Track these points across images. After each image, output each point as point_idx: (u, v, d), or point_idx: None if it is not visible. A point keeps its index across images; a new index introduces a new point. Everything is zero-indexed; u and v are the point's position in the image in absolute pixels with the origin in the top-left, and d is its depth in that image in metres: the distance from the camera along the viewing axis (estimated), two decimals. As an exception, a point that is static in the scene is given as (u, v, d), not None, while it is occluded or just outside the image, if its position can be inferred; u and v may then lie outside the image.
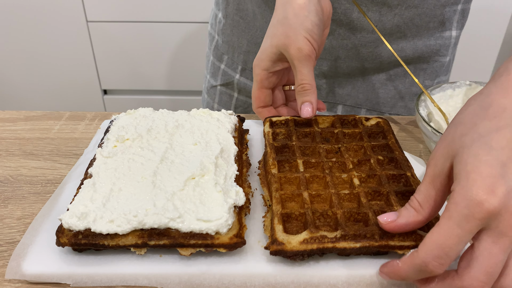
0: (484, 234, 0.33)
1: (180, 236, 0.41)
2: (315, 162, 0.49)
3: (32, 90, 1.83)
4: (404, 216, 0.38)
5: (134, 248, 0.41)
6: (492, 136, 0.34)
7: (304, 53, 0.52)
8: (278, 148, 0.51)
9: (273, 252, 0.40)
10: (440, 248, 0.33)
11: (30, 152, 0.59)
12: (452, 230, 0.33)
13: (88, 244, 0.41)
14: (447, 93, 0.61)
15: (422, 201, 0.38)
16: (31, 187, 0.52)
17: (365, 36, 0.70)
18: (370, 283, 0.40)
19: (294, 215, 0.43)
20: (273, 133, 0.54)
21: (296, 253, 0.39)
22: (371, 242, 0.39)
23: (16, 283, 0.41)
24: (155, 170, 0.47)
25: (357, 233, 0.40)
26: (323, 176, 0.47)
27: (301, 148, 0.51)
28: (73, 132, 0.63)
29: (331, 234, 0.40)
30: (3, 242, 0.45)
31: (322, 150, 0.50)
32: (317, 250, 0.39)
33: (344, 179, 0.47)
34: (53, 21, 1.64)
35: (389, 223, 0.39)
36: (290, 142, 0.52)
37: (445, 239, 0.33)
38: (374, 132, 0.54)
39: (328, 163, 0.49)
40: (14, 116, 0.67)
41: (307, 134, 0.54)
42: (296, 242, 0.39)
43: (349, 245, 0.39)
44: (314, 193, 0.45)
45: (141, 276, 0.40)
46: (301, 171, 0.48)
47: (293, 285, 0.40)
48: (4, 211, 0.49)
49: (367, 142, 0.52)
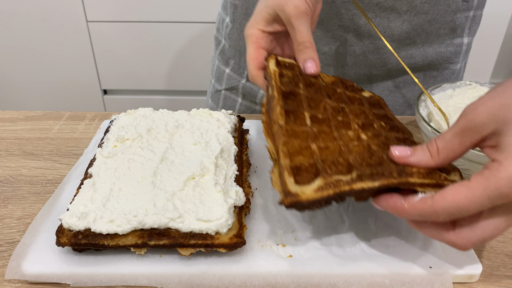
0: (500, 209, 0.33)
1: (180, 236, 0.41)
2: (321, 118, 0.45)
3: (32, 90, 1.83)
4: (418, 156, 0.37)
5: (134, 248, 0.41)
6: None
7: (301, 10, 0.49)
8: (286, 94, 0.46)
9: (288, 205, 0.36)
10: (458, 209, 0.33)
11: (30, 152, 0.59)
12: (481, 200, 0.32)
13: (88, 244, 0.41)
14: (447, 93, 0.61)
15: (442, 149, 0.36)
16: (31, 187, 0.52)
17: (373, 43, 0.69)
18: (370, 282, 0.40)
19: (304, 166, 0.39)
20: (280, 73, 0.48)
21: (313, 202, 0.37)
22: (390, 180, 0.37)
23: (16, 283, 0.41)
24: (155, 170, 0.47)
25: (373, 172, 0.37)
26: (330, 132, 0.44)
27: (308, 99, 0.47)
28: (73, 132, 0.63)
29: (346, 177, 0.37)
30: (3, 242, 0.45)
31: (328, 106, 0.47)
32: (334, 196, 0.36)
33: (350, 136, 0.44)
34: (53, 21, 1.64)
35: (400, 157, 0.37)
36: (297, 89, 0.47)
37: (469, 203, 0.32)
38: (372, 102, 0.52)
39: (334, 120, 0.45)
40: (14, 116, 0.67)
41: (311, 84, 0.49)
42: (311, 191, 0.37)
43: (367, 185, 0.36)
44: (323, 146, 0.42)
45: (141, 276, 0.40)
46: (309, 125, 0.44)
47: (293, 285, 0.40)
48: (4, 211, 0.49)
49: (368, 108, 0.49)
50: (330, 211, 0.48)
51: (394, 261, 0.42)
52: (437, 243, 0.44)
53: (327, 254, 0.42)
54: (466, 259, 0.42)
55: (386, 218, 0.47)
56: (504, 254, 0.44)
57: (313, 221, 0.46)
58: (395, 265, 0.41)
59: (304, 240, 0.44)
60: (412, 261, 0.42)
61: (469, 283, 0.42)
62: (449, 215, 0.33)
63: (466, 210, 0.33)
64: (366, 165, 0.39)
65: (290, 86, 0.47)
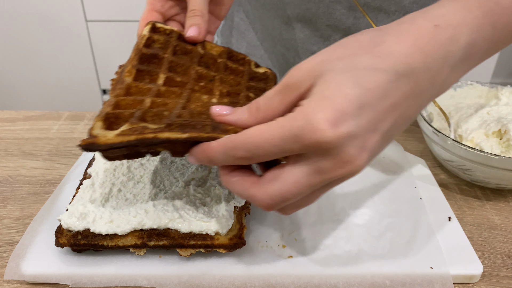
0: (303, 161, 0.31)
1: (179, 236, 0.40)
2: (179, 81, 0.43)
3: (31, 89, 1.83)
4: (236, 114, 0.35)
5: (133, 249, 0.41)
6: (365, 73, 0.30)
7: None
8: (145, 56, 0.44)
9: (84, 146, 0.33)
10: (255, 145, 0.31)
11: (29, 152, 0.59)
12: (274, 139, 0.30)
13: (87, 244, 0.41)
14: (448, 93, 0.61)
15: (262, 106, 0.34)
16: (30, 187, 0.52)
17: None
18: (371, 283, 0.40)
19: (123, 115, 0.36)
20: (149, 38, 0.46)
21: (111, 146, 0.33)
22: (200, 133, 0.34)
23: (15, 283, 0.40)
24: (155, 170, 0.47)
25: (185, 123, 0.34)
26: (180, 93, 0.41)
27: (172, 64, 0.44)
28: (72, 132, 0.63)
29: (155, 125, 0.34)
30: (2, 243, 0.45)
31: (194, 72, 0.44)
32: (135, 141, 0.33)
33: (203, 100, 0.41)
34: (52, 20, 1.64)
35: (218, 114, 0.35)
36: (162, 54, 0.45)
37: (263, 141, 0.31)
38: (258, 77, 0.49)
39: (195, 85, 0.43)
40: (13, 116, 0.67)
41: (187, 52, 0.47)
42: (113, 135, 0.33)
43: (175, 136, 0.33)
44: (160, 101, 0.38)
45: (141, 276, 0.40)
46: (159, 84, 0.41)
47: (293, 285, 0.40)
48: (3, 211, 0.49)
49: (245, 81, 0.47)
50: (331, 211, 0.48)
51: (394, 262, 0.42)
52: (438, 243, 0.43)
53: (328, 254, 0.42)
54: (467, 260, 0.42)
55: (389, 218, 0.47)
56: (505, 254, 0.44)
57: (313, 221, 0.46)
58: (395, 265, 0.41)
59: (304, 240, 0.44)
60: (412, 262, 0.42)
61: (470, 284, 0.41)
62: (246, 151, 0.31)
63: (261, 148, 0.30)
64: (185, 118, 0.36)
65: (155, 50, 0.45)
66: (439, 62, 0.32)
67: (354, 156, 0.29)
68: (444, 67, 0.33)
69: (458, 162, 0.51)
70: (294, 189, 0.31)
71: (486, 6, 0.35)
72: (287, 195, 0.31)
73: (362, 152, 0.30)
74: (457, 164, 0.51)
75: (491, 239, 0.46)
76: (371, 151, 0.30)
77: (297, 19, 0.67)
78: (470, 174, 0.52)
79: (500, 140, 0.52)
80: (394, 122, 0.31)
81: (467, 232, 0.47)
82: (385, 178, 0.53)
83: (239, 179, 0.34)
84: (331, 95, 0.29)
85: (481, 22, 0.34)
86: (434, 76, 0.32)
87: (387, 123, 0.31)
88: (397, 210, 0.48)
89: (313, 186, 0.31)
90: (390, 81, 0.30)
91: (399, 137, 0.63)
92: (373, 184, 0.52)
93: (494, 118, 0.53)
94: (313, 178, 0.31)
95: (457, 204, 0.51)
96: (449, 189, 0.53)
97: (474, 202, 0.51)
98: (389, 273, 0.41)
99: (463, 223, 0.48)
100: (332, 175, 0.30)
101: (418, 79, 0.31)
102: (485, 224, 0.48)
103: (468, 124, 0.54)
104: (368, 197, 0.50)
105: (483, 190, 0.53)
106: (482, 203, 0.51)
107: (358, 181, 0.52)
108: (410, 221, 0.46)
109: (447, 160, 0.53)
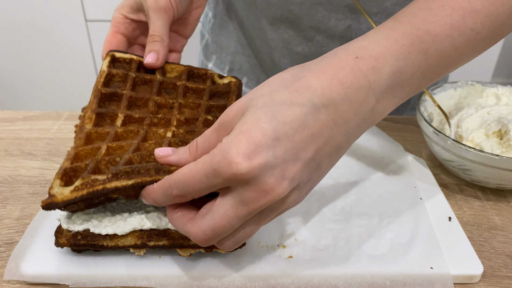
0: (229, 193, 0.32)
1: (179, 237, 0.40)
2: (138, 118, 0.45)
3: (31, 89, 1.83)
4: (178, 154, 0.37)
5: (133, 249, 0.41)
6: (282, 107, 0.32)
7: (159, 5, 0.51)
8: (105, 96, 0.46)
9: (44, 206, 0.37)
10: (183, 183, 0.33)
11: (28, 152, 0.59)
12: (199, 175, 0.32)
13: (87, 244, 0.41)
14: (448, 93, 0.61)
15: (201, 145, 0.36)
16: (30, 187, 0.52)
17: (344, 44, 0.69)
18: (371, 283, 0.40)
19: (80, 168, 0.39)
20: (108, 74, 0.48)
21: (68, 203, 0.36)
22: (144, 178, 0.36)
23: (15, 284, 0.40)
24: (155, 170, 0.46)
25: (130, 170, 0.36)
26: (137, 131, 0.43)
27: (131, 99, 0.47)
28: (72, 132, 0.63)
29: (103, 176, 0.37)
30: (1, 243, 0.45)
31: (153, 104, 0.46)
32: (88, 195, 0.36)
33: (160, 134, 0.43)
34: (52, 20, 1.64)
35: (162, 157, 0.37)
36: (121, 90, 0.47)
37: (190, 178, 0.32)
38: (220, 91, 0.50)
39: (153, 119, 0.45)
40: (13, 116, 0.67)
41: (146, 82, 0.49)
42: (68, 191, 0.37)
43: (121, 184, 0.36)
44: (115, 145, 0.41)
45: (140, 277, 0.40)
46: (118, 125, 0.44)
47: (293, 286, 0.40)
48: (2, 211, 0.49)
49: (205, 101, 0.48)
50: (331, 211, 0.48)
51: (395, 262, 0.42)
52: (438, 244, 0.43)
53: (328, 255, 0.42)
54: (467, 260, 0.42)
55: (389, 218, 0.47)
56: (506, 254, 0.44)
57: (313, 221, 0.46)
58: (396, 265, 0.41)
59: (304, 241, 0.44)
60: (413, 262, 0.42)
61: (470, 284, 0.41)
62: (179, 189, 0.33)
63: (190, 185, 0.32)
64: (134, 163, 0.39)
65: (114, 87, 0.47)
66: (361, 92, 0.33)
67: (273, 184, 0.31)
68: (369, 96, 0.34)
69: (458, 162, 0.51)
70: (223, 222, 0.33)
71: (414, 34, 0.36)
72: (217, 228, 0.33)
73: (282, 181, 0.31)
74: (457, 164, 0.51)
75: (491, 239, 0.46)
76: (292, 179, 0.32)
77: (281, 20, 0.68)
78: (470, 174, 0.51)
79: (500, 140, 0.51)
80: (317, 150, 0.32)
81: (467, 232, 0.47)
82: (385, 178, 0.53)
83: (180, 215, 0.36)
84: (247, 130, 0.31)
85: (409, 50, 0.35)
86: (357, 105, 0.33)
87: (309, 152, 0.32)
88: (397, 210, 0.48)
89: (241, 217, 0.32)
90: (308, 113, 0.32)
91: (399, 137, 0.63)
92: (373, 184, 0.52)
93: (494, 118, 0.53)
94: (239, 209, 0.32)
95: (457, 204, 0.51)
96: (449, 189, 0.53)
97: (474, 202, 0.51)
98: (389, 273, 0.40)
99: (463, 223, 0.48)
100: (257, 204, 0.32)
101: (338, 110, 0.33)
102: (485, 224, 0.48)
103: (468, 124, 0.54)
104: (368, 197, 0.50)
105: (483, 190, 0.53)
106: (482, 203, 0.51)
107: (358, 181, 0.52)
108: (410, 221, 0.46)
109: (447, 160, 0.53)
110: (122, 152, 0.41)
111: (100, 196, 0.37)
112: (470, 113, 0.55)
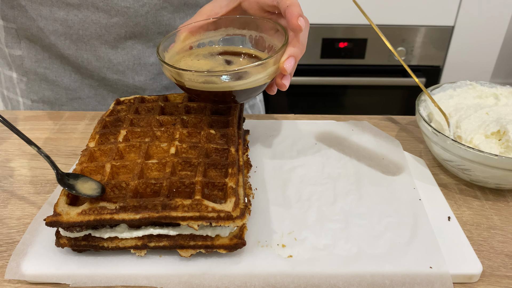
0: None
1: (180, 237, 0.40)
2: (140, 132, 0.47)
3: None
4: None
5: (134, 250, 0.41)
6: None
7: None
8: (109, 123, 0.50)
9: (48, 223, 0.38)
10: None
11: (29, 152, 0.59)
12: None
13: (87, 245, 0.41)
14: (447, 93, 0.61)
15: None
16: (31, 187, 0.52)
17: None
18: (370, 283, 0.40)
19: None
20: (113, 110, 0.52)
21: (73, 225, 0.38)
22: (151, 213, 0.38)
23: (16, 283, 0.41)
24: (155, 170, 0.47)
25: (138, 204, 0.38)
26: (139, 145, 0.45)
27: (133, 120, 0.49)
28: (73, 132, 0.63)
29: (112, 206, 0.39)
30: (2, 242, 0.45)
31: (155, 121, 0.49)
32: (94, 222, 0.38)
33: (163, 148, 0.45)
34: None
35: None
36: (123, 115, 0.50)
37: None
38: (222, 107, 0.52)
39: (156, 132, 0.47)
40: (13, 116, 0.67)
41: (149, 109, 0.52)
42: (75, 213, 0.38)
43: (129, 217, 0.38)
44: (119, 164, 0.43)
45: (141, 276, 0.40)
46: (119, 141, 0.45)
47: (293, 285, 0.40)
48: (3, 211, 0.49)
49: (208, 116, 0.50)
50: (331, 211, 0.48)
51: (394, 261, 0.42)
52: (438, 243, 0.43)
53: (327, 254, 0.42)
54: (466, 259, 0.42)
55: (389, 218, 0.47)
56: (505, 254, 0.44)
57: (313, 221, 0.46)
58: (395, 265, 0.41)
59: (304, 240, 0.44)
60: (412, 261, 0.42)
61: (469, 283, 0.42)
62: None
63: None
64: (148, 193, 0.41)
65: (118, 115, 0.51)
66: None
67: None
68: None
69: (457, 162, 0.51)
70: None
71: None
72: None
73: None
74: (456, 164, 0.52)
75: (490, 238, 0.46)
76: None
77: (125, 38, 0.68)
78: (469, 174, 0.52)
79: (499, 141, 0.52)
80: None
81: (466, 232, 0.47)
82: (385, 178, 0.53)
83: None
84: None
85: None
86: None
87: None
88: (397, 210, 0.48)
89: None
90: None
91: (399, 137, 0.63)
92: (372, 184, 0.52)
93: (493, 119, 0.53)
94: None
95: (457, 204, 0.51)
96: (449, 189, 0.53)
97: (473, 202, 0.51)
98: (388, 272, 0.41)
99: (462, 223, 0.48)
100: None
101: None
102: (484, 224, 0.48)
103: (468, 125, 0.54)
104: (368, 197, 0.50)
105: (483, 190, 0.53)
106: (481, 203, 0.51)
107: (358, 181, 0.52)
108: (410, 221, 0.47)
109: (446, 160, 0.53)
110: (126, 171, 0.43)
111: (107, 223, 0.39)
112: (469, 114, 0.55)
